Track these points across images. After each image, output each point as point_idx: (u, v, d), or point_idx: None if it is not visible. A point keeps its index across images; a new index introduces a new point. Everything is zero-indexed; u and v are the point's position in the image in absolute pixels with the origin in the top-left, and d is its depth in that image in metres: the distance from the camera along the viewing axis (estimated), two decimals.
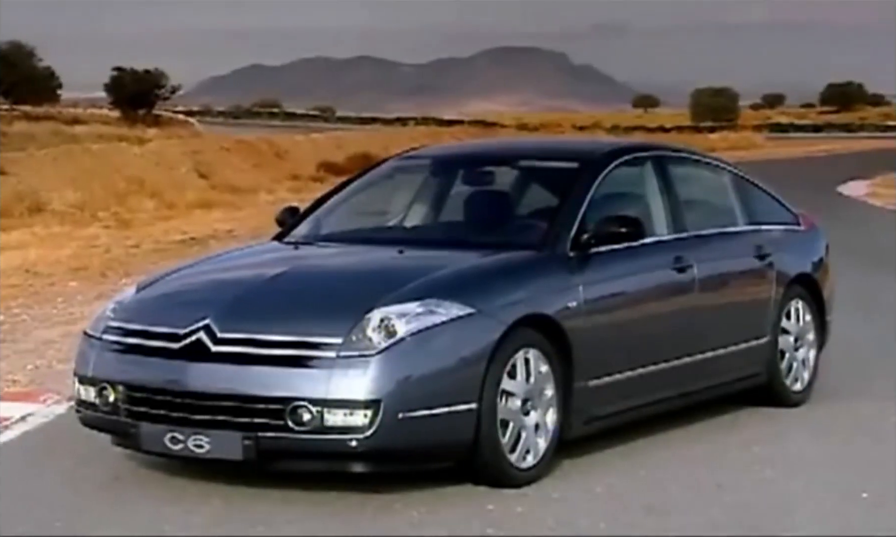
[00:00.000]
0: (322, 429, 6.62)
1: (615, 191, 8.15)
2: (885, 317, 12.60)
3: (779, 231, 9.28)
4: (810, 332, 9.32)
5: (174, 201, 29.68)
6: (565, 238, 7.63)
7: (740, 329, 8.69)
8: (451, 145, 9.59)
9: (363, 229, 8.49)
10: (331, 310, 6.89)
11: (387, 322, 6.75)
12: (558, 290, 7.40)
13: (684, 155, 8.98)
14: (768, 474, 7.46)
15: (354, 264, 7.65)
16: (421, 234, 8.29)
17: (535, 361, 7.17)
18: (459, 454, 6.92)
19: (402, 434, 6.67)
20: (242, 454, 6.71)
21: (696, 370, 8.32)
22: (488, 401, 6.91)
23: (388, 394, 6.62)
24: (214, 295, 7.21)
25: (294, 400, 6.64)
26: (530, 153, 8.91)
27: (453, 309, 6.87)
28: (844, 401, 9.25)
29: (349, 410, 6.61)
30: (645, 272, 7.97)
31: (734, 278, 8.73)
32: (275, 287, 7.21)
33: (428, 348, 6.75)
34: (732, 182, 9.16)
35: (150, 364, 6.98)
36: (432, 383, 6.74)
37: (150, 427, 6.91)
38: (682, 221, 8.37)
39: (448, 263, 7.33)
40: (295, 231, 8.42)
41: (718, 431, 8.45)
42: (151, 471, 7.35)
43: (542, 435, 7.24)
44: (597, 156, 8.24)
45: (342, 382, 6.61)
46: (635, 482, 7.28)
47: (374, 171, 8.90)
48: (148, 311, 7.26)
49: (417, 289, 6.96)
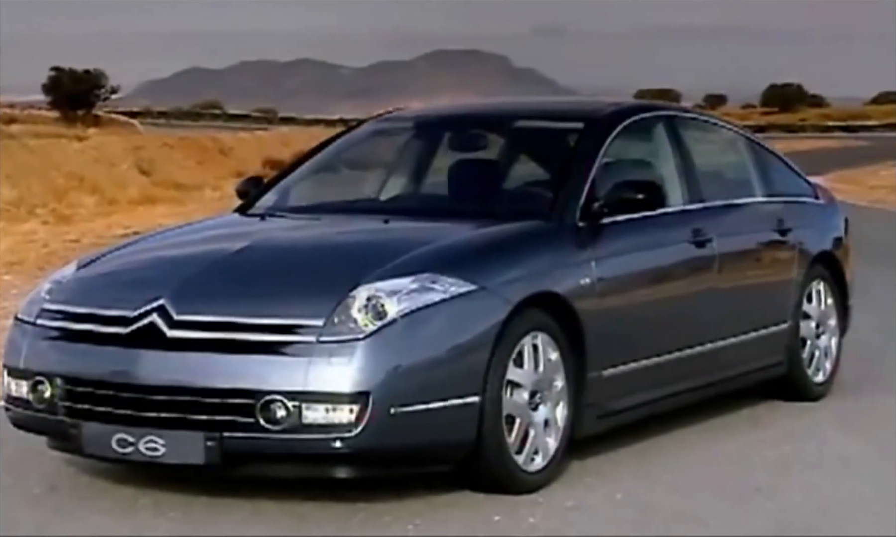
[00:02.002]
0: (299, 428, 5.59)
1: (624, 155, 7.16)
2: (879, 306, 11.67)
3: (798, 204, 8.32)
4: (832, 317, 8.38)
5: (116, 198, 28.85)
6: (574, 206, 6.62)
7: (762, 312, 7.73)
8: (436, 105, 8.47)
9: (340, 199, 7.44)
10: (308, 287, 5.86)
11: (375, 301, 5.72)
12: (569, 266, 6.40)
13: (696, 116, 7.96)
14: (810, 476, 6.49)
15: (334, 236, 6.61)
16: (407, 204, 7.28)
17: (543, 347, 6.17)
18: (459, 455, 5.91)
19: (395, 432, 5.64)
20: (204, 457, 5.66)
21: (717, 358, 7.35)
22: (492, 393, 5.90)
23: (379, 385, 5.59)
24: (170, 271, 6.15)
25: (266, 393, 5.60)
26: (528, 113, 7.84)
27: (452, 285, 5.85)
28: (866, 393, 8.31)
29: (332, 405, 5.58)
30: (662, 246, 6.98)
31: (755, 254, 7.76)
32: (241, 262, 6.16)
33: (424, 331, 5.73)
34: (747, 148, 8.19)
35: (93, 353, 5.91)
36: (429, 372, 5.72)
37: (95, 427, 5.83)
38: (699, 190, 7.39)
39: (443, 235, 6.31)
40: (259, 202, 7.36)
41: (739, 428, 7.48)
42: (95, 479, 6.27)
43: (551, 433, 6.24)
44: (604, 115, 7.24)
45: (324, 372, 5.58)
46: (660, 486, 6.29)
47: (350, 135, 7.82)
48: (91, 292, 6.19)
49: (410, 262, 5.94)
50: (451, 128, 7.62)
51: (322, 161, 7.62)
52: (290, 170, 7.59)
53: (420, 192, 7.46)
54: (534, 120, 7.61)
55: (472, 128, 7.52)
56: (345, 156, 7.72)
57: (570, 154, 6.95)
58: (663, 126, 7.44)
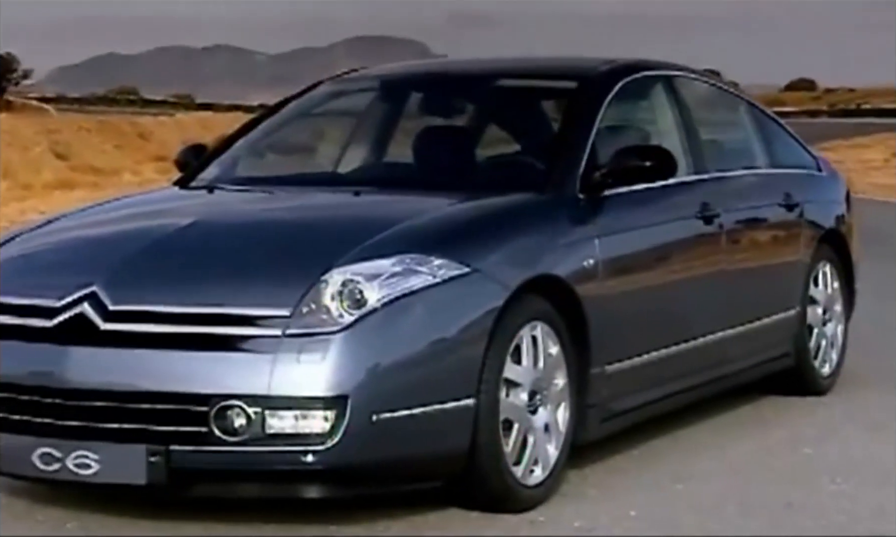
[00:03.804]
0: (262, 439, 4.65)
1: (623, 119, 6.28)
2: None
3: (803, 175, 7.48)
4: (838, 303, 7.55)
5: (30, 182, 27.78)
6: (572, 176, 5.71)
7: (770, 298, 6.88)
8: (405, 63, 7.47)
9: (297, 170, 6.47)
10: (271, 270, 4.91)
11: (352, 286, 4.78)
12: (569, 245, 5.50)
13: (695, 76, 7.03)
14: (843, 485, 5.64)
15: (297, 211, 5.64)
16: (376, 174, 6.34)
17: (543, 340, 5.27)
18: (451, 469, 4.99)
19: (377, 443, 4.71)
20: (147, 476, 4.71)
21: (725, 350, 6.49)
22: (489, 394, 4.99)
23: (358, 387, 4.66)
24: (103, 253, 5.17)
25: (221, 398, 4.65)
26: (511, 71, 6.85)
27: (441, 267, 4.93)
28: (873, 386, 7.50)
29: (302, 411, 4.64)
30: (670, 222, 6.11)
31: (764, 232, 6.90)
32: (188, 240, 5.19)
33: (409, 322, 4.80)
34: (749, 113, 7.31)
35: (11, 350, 4.93)
36: (416, 371, 4.80)
37: (13, 439, 4.85)
38: (703, 159, 6.52)
39: (425, 208, 5.37)
40: (203, 174, 6.37)
41: (746, 429, 6.63)
42: (13, 500, 5.27)
43: (552, 440, 5.34)
44: (599, 73, 6.33)
45: (291, 372, 4.64)
46: (678, 501, 5.40)
47: (304, 98, 6.78)
48: (6, 278, 5.20)
49: (390, 240, 5.01)
50: (422, 88, 6.67)
51: (273, 127, 6.64)
52: (236, 136, 6.60)
53: (389, 162, 6.51)
54: (518, 79, 6.67)
55: (447, 88, 6.58)
56: (299, 121, 6.74)
57: (564, 117, 6.05)
58: (664, 86, 6.55)
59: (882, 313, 9.62)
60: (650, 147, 5.94)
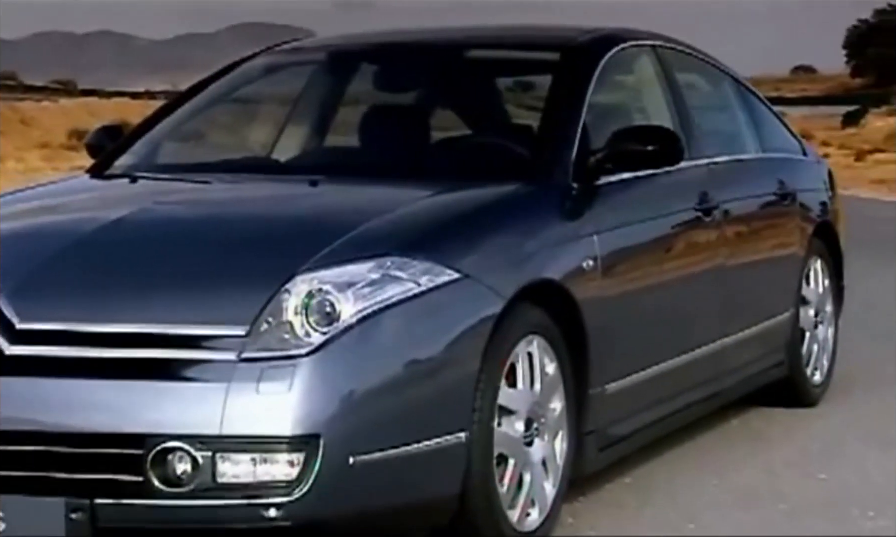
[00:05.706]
0: (213, 490, 3.74)
1: (613, 96, 5.45)
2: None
3: (793, 161, 6.71)
4: (828, 303, 6.80)
5: None
6: (564, 162, 4.85)
7: (767, 300, 6.12)
8: (352, 34, 6.50)
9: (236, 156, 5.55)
10: (221, 279, 4.00)
11: (320, 297, 3.88)
12: (565, 243, 4.65)
13: (684, 49, 6.18)
14: (879, 521, 4.86)
15: (245, 205, 4.71)
16: (328, 160, 5.44)
17: (540, 357, 4.42)
18: (438, 519, 4.12)
19: (354, 491, 3.83)
20: (67, 534, 3.78)
21: (725, 361, 5.71)
22: (482, 424, 4.13)
23: (331, 422, 3.76)
24: (7, 258, 4.22)
25: (161, 439, 3.73)
26: (482, 41, 5.88)
27: (425, 272, 4.05)
28: (875, 392, 6.76)
29: (263, 454, 3.74)
30: (669, 215, 5.28)
31: (761, 225, 6.11)
32: (114, 243, 4.24)
33: (391, 341, 3.92)
34: (735, 91, 6.51)
35: None
36: (400, 401, 3.92)
37: None
38: (699, 143, 5.70)
39: (398, 201, 4.48)
40: (120, 160, 5.40)
41: (742, 448, 5.85)
42: None
43: (549, 477, 4.49)
44: (584, 43, 5.47)
45: (249, 405, 3.73)
46: None
47: (236, 73, 5.79)
48: None
49: (362, 240, 4.11)
50: (377, 61, 5.74)
51: (200, 107, 5.67)
52: (157, 118, 5.63)
53: (344, 146, 5.60)
54: (490, 49, 5.78)
55: (407, 61, 5.66)
56: (230, 99, 5.78)
57: (548, 94, 5.18)
58: (653, 59, 5.72)
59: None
60: (652, 128, 5.11)
